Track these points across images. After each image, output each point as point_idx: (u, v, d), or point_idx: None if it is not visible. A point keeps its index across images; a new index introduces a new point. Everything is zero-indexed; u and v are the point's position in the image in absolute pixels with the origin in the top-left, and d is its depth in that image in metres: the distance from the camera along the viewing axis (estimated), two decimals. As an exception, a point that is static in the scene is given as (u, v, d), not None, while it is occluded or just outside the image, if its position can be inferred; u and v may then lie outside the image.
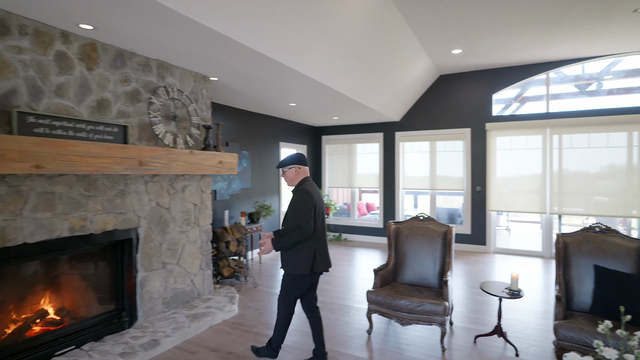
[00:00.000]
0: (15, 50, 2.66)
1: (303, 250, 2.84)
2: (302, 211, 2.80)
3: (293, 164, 3.01)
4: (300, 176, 3.02)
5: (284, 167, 3.04)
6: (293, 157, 3.03)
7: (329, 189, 9.22)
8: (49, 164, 2.62)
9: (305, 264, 2.83)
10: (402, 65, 6.05)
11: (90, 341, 3.27)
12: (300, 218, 2.79)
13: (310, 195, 2.84)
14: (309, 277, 2.91)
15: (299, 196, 2.86)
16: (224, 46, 3.36)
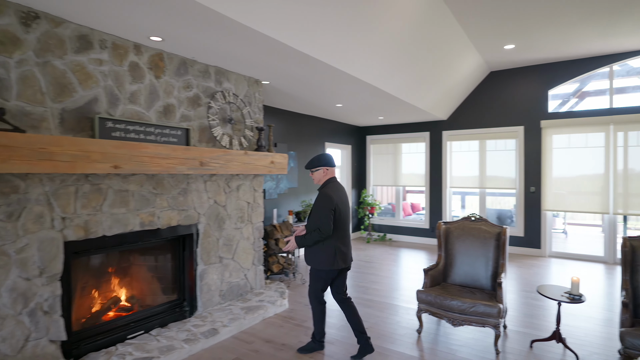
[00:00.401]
0: (97, 62, 2.97)
1: (323, 248, 3.03)
2: (322, 213, 2.96)
3: (321, 166, 3.15)
4: (327, 177, 3.18)
5: (312, 168, 3.18)
6: (321, 159, 3.16)
7: (373, 187, 9.22)
8: (125, 165, 2.90)
9: (325, 260, 3.02)
10: (450, 64, 5.95)
11: (157, 327, 3.55)
12: (320, 220, 2.95)
13: (330, 199, 2.98)
14: (330, 272, 3.08)
15: (320, 198, 3.03)
16: (277, 51, 3.51)
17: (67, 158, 2.55)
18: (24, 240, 2.58)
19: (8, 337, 2.52)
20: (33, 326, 2.64)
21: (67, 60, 2.78)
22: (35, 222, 2.63)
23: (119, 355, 2.99)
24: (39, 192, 2.65)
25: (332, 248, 3.02)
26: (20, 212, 2.56)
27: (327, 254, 3.02)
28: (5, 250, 2.50)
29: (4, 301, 2.49)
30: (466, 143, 7.87)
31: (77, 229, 2.86)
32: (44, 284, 2.69)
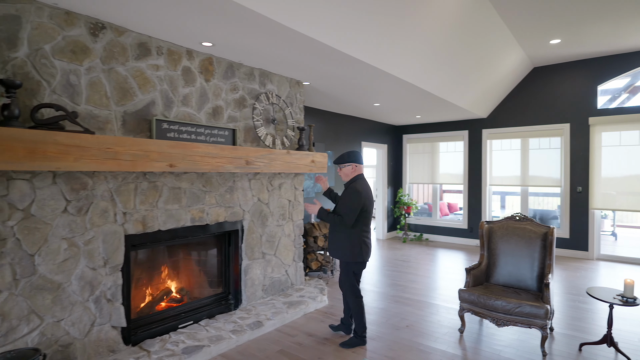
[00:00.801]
0: (154, 68, 3.17)
1: (350, 240, 3.19)
2: (349, 207, 3.13)
3: (351, 162, 3.26)
4: (356, 173, 3.30)
5: (341, 164, 3.27)
6: (351, 155, 3.26)
7: (409, 186, 9.14)
8: (179, 163, 3.08)
9: (351, 252, 3.20)
10: (492, 60, 5.83)
11: (205, 318, 3.73)
12: (345, 212, 3.12)
13: (359, 194, 3.13)
14: (357, 265, 3.26)
15: (349, 192, 3.17)
16: (319, 52, 3.60)
17: (130, 157, 2.76)
18: (91, 233, 2.81)
19: (77, 321, 2.75)
20: (98, 312, 2.87)
21: (128, 66, 3.00)
22: (101, 217, 2.86)
23: (172, 343, 3.18)
24: (104, 189, 2.88)
25: (358, 241, 3.19)
26: (88, 207, 2.79)
27: (354, 246, 3.19)
28: (76, 242, 2.73)
29: (73, 288, 2.73)
30: (507, 141, 7.66)
31: (136, 223, 3.08)
32: (107, 273, 2.92)
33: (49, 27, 2.57)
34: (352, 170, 3.27)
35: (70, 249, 2.70)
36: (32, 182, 2.51)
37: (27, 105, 2.49)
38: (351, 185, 3.21)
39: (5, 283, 2.40)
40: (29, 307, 2.51)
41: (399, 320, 3.95)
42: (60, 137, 2.39)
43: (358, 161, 3.31)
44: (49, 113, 2.57)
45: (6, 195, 2.39)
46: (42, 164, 2.32)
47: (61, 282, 2.66)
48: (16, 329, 2.45)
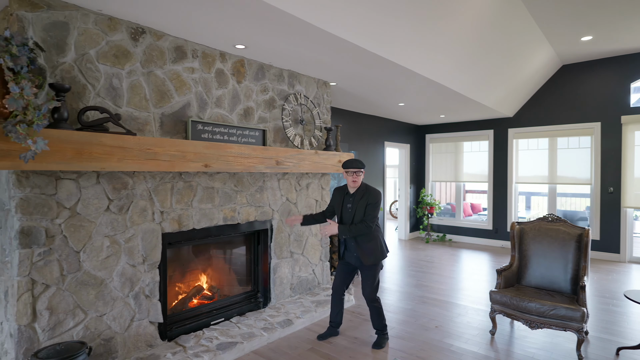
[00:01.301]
0: (190, 70, 3.25)
1: (377, 242, 3.27)
2: (376, 211, 3.21)
3: (363, 168, 3.31)
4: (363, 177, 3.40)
5: (363, 168, 3.30)
6: (361, 162, 3.29)
7: (432, 186, 9.06)
8: (213, 163, 3.16)
9: (381, 252, 3.28)
10: (520, 59, 5.73)
11: (236, 316, 3.80)
12: (372, 215, 3.18)
13: (379, 194, 3.26)
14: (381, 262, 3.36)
15: (374, 196, 3.22)
16: (347, 52, 3.62)
17: (168, 158, 2.84)
18: (131, 231, 2.91)
19: (118, 316, 2.85)
20: (137, 308, 2.96)
21: (166, 69, 3.09)
22: (140, 215, 2.95)
23: (206, 339, 3.26)
24: (143, 188, 2.97)
25: (380, 239, 3.30)
26: (128, 205, 2.88)
27: (381, 246, 3.28)
28: (117, 240, 2.83)
29: (115, 284, 2.83)
30: (534, 141, 7.51)
31: (172, 222, 3.16)
32: (146, 270, 3.01)
33: (94, 32, 2.67)
34: (363, 176, 3.35)
35: (112, 247, 2.80)
36: (78, 181, 2.62)
37: (74, 108, 2.59)
38: (369, 190, 3.26)
39: (54, 278, 2.51)
40: (74, 302, 2.61)
41: (428, 321, 3.94)
42: (105, 139, 2.48)
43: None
44: (94, 115, 2.68)
45: (55, 195, 2.50)
46: (89, 165, 2.42)
47: (104, 278, 2.76)
48: (63, 323, 2.56)
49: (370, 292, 3.30)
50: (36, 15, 2.43)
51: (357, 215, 3.22)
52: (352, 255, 3.34)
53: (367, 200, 3.21)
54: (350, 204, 3.28)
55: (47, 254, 2.47)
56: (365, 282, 3.31)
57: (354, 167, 3.24)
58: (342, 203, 3.34)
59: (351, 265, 3.41)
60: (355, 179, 3.25)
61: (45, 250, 2.46)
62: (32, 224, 2.41)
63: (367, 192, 3.25)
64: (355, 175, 3.25)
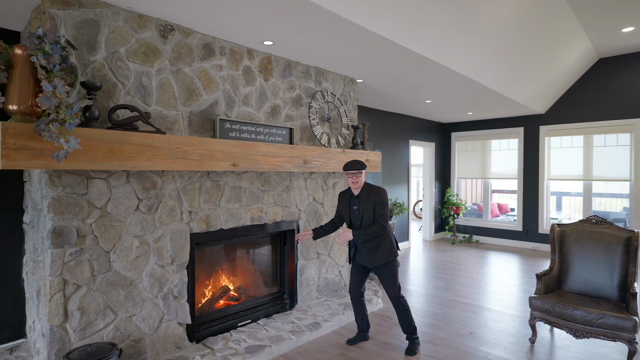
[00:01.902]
0: (217, 68, 3.20)
1: (387, 240, 3.16)
2: (386, 209, 3.12)
3: (364, 169, 3.16)
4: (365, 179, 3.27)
5: (363, 169, 3.14)
6: (362, 162, 3.15)
7: (457, 182, 8.81)
8: (241, 163, 3.09)
9: (393, 250, 3.20)
10: (555, 53, 5.46)
11: (262, 317, 3.74)
12: (383, 215, 3.08)
13: (385, 192, 3.17)
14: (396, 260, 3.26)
15: (381, 196, 3.12)
16: (377, 46, 3.49)
17: (196, 157, 2.79)
18: (160, 231, 2.87)
19: (147, 317, 2.82)
20: (166, 309, 2.93)
21: (194, 67, 3.04)
22: (169, 215, 2.91)
23: (234, 341, 3.20)
24: (172, 188, 2.93)
25: (390, 239, 3.19)
26: (157, 205, 2.85)
27: (391, 245, 3.18)
28: (146, 240, 2.80)
29: (144, 285, 2.80)
30: (568, 138, 7.18)
31: (200, 222, 3.12)
32: (174, 271, 2.97)
33: (124, 30, 2.64)
34: (364, 176, 3.22)
35: (142, 247, 2.77)
36: (109, 181, 2.59)
37: (105, 107, 2.57)
38: (374, 190, 3.15)
39: (85, 278, 2.49)
40: (104, 302, 2.59)
41: (460, 327, 3.78)
42: (135, 137, 2.45)
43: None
44: (124, 114, 2.65)
45: (86, 194, 2.48)
46: (120, 164, 2.38)
47: (133, 278, 2.73)
48: (93, 323, 2.54)
49: (392, 291, 3.20)
50: (68, 13, 2.41)
51: (365, 216, 3.13)
52: (362, 256, 3.24)
53: (373, 200, 3.11)
54: (357, 206, 3.18)
55: (78, 254, 2.45)
56: (385, 283, 3.22)
57: (353, 169, 3.11)
58: (349, 206, 3.24)
59: (364, 266, 3.31)
60: (355, 180, 3.14)
61: (76, 250, 2.45)
62: (64, 224, 2.39)
63: (372, 191, 3.15)
64: (355, 176, 3.14)
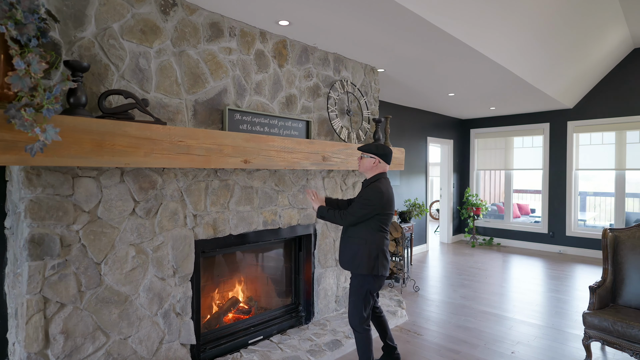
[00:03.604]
0: (226, 51, 2.80)
1: (367, 247, 2.54)
2: (362, 204, 2.53)
3: (376, 155, 2.64)
4: (377, 170, 2.68)
5: (364, 152, 2.67)
6: (379, 148, 2.66)
7: (477, 182, 8.36)
8: (254, 159, 2.69)
9: (370, 263, 2.53)
10: (591, 41, 5.00)
11: (275, 333, 3.34)
12: (354, 209, 2.53)
13: (381, 196, 2.53)
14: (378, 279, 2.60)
15: (370, 191, 2.57)
16: (408, 26, 3.06)
17: (202, 152, 2.39)
18: (160, 238, 2.48)
19: (144, 338, 2.43)
20: (166, 328, 2.53)
21: (200, 49, 2.64)
22: (170, 219, 2.52)
23: (245, 363, 2.80)
24: (174, 188, 2.54)
25: (377, 249, 2.55)
26: (157, 208, 2.45)
27: (370, 255, 2.53)
28: (144, 248, 2.40)
29: (141, 301, 2.40)
30: (598, 135, 6.71)
31: (206, 227, 2.72)
32: (177, 284, 2.58)
33: (117, 2, 2.25)
34: (374, 165, 2.65)
35: (138, 257, 2.38)
36: (99, 180, 2.20)
37: (94, 92, 2.18)
38: (374, 184, 2.60)
39: (70, 296, 2.10)
40: (94, 323, 2.20)
41: (499, 344, 3.35)
42: (130, 129, 2.05)
43: (385, 158, 2.66)
44: (117, 101, 2.26)
45: (71, 196, 2.10)
46: (111, 159, 1.99)
47: (128, 294, 2.34)
48: (81, 348, 2.15)
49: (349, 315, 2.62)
50: (49, -20, 2.02)
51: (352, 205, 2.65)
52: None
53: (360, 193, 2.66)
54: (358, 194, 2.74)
55: (62, 267, 2.07)
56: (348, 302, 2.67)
57: (359, 148, 2.71)
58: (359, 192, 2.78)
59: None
60: (358, 162, 2.74)
61: (59, 262, 2.06)
62: (44, 231, 2.00)
63: (371, 185, 2.62)
64: (359, 158, 2.73)
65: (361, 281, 2.57)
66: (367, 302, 2.59)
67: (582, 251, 6.86)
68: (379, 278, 2.60)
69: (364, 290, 2.57)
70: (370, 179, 2.66)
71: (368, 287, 2.57)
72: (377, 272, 2.55)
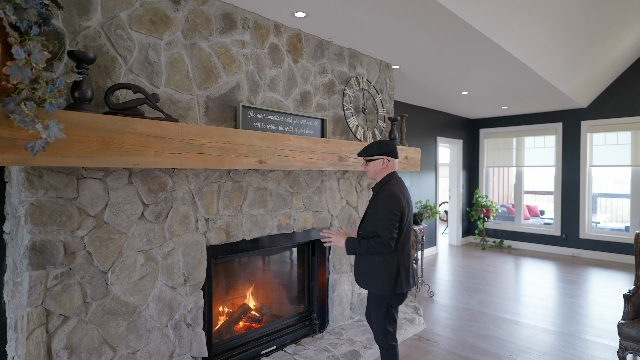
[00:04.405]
0: (240, 44, 2.63)
1: (386, 265, 2.22)
2: (386, 220, 2.15)
3: (382, 155, 2.29)
4: (388, 170, 2.33)
5: (368, 157, 2.32)
6: (382, 145, 2.31)
7: (486, 183, 8.19)
8: (269, 159, 2.52)
9: (390, 281, 2.22)
10: (610, 38, 4.84)
11: (289, 343, 3.17)
12: (382, 228, 2.16)
13: (398, 200, 2.19)
14: (399, 297, 2.29)
15: (383, 199, 2.22)
16: (429, 18, 2.90)
17: (216, 151, 2.22)
18: (170, 244, 2.31)
19: (154, 352, 2.26)
20: (177, 340, 2.36)
21: (212, 42, 2.47)
22: (181, 224, 2.35)
23: (259, 376, 2.63)
24: (185, 190, 2.37)
25: (395, 265, 2.23)
26: (167, 212, 2.28)
27: (390, 273, 2.22)
28: (153, 255, 2.24)
29: (150, 312, 2.23)
30: (613, 135, 6.54)
31: (219, 232, 2.55)
32: (188, 293, 2.41)
33: (125, -11, 2.08)
34: (384, 165, 2.31)
35: (147, 264, 2.21)
36: (106, 181, 2.03)
37: (100, 87, 2.01)
38: (385, 188, 2.27)
39: (74, 308, 1.93)
40: (100, 337, 2.03)
41: (526, 354, 3.17)
42: (139, 126, 1.88)
43: (392, 154, 2.31)
44: (124, 96, 2.09)
45: (76, 199, 1.93)
46: (119, 159, 1.82)
47: (137, 304, 2.17)
48: (87, 364, 1.98)
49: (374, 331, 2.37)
50: (52, -36, 1.85)
51: (367, 220, 2.32)
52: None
53: (372, 204, 2.30)
54: (370, 203, 2.38)
55: (65, 277, 1.90)
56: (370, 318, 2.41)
57: (359, 155, 2.37)
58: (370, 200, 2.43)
59: None
60: (364, 169, 2.39)
61: (63, 271, 1.89)
62: (47, 238, 1.83)
63: (382, 189, 2.28)
64: (363, 164, 2.40)
65: (379, 298, 2.29)
66: (391, 318, 2.33)
67: (597, 254, 6.68)
68: (400, 295, 2.30)
69: (384, 306, 2.29)
70: (380, 182, 2.35)
71: (388, 302, 2.29)
72: (400, 290, 2.24)
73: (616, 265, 6.19)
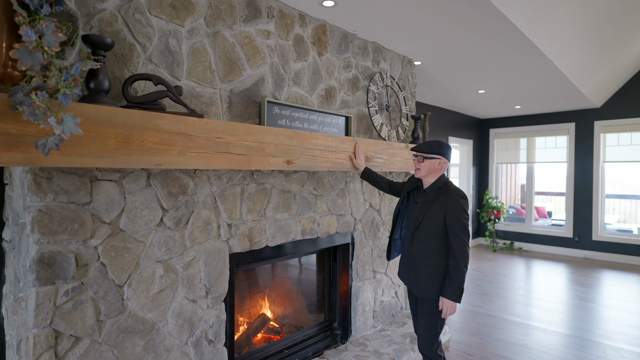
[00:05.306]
0: (264, 34, 2.42)
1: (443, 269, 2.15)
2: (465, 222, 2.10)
3: (441, 155, 2.19)
4: (440, 172, 2.24)
5: (428, 154, 2.19)
6: (442, 146, 2.22)
7: (496, 184, 8.03)
8: (297, 159, 2.30)
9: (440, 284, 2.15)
10: (632, 35, 4.68)
11: (311, 356, 2.95)
12: (464, 231, 2.08)
13: (466, 201, 2.15)
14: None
15: (455, 200, 2.12)
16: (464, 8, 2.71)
17: (242, 150, 2.00)
18: (191, 253, 2.09)
19: (173, 371, 2.03)
20: (198, 359, 2.14)
21: (236, 30, 2.25)
22: (203, 230, 2.13)
23: (285, 396, 2.41)
24: (206, 193, 2.15)
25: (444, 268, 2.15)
26: (188, 217, 2.06)
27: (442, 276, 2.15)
28: (173, 266, 2.01)
29: (169, 329, 2.01)
30: (626, 135, 6.40)
31: (242, 239, 2.33)
32: (209, 306, 2.19)
33: (144, -32, 1.86)
34: (439, 166, 2.21)
35: (167, 275, 1.98)
36: (122, 184, 1.81)
37: (117, 78, 1.79)
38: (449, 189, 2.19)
39: (87, 327, 1.70)
40: (115, 359, 1.80)
41: (561, 367, 2.99)
42: (162, 122, 1.66)
43: (448, 156, 2.24)
44: (143, 89, 1.87)
45: (89, 204, 1.70)
46: (140, 159, 1.59)
47: (155, 320, 1.95)
48: (101, 390, 1.75)
49: (421, 339, 2.25)
50: (63, -64, 1.62)
51: (424, 222, 2.17)
52: (404, 270, 2.33)
53: (443, 205, 2.13)
54: (420, 203, 2.26)
55: (77, 292, 1.67)
56: (417, 324, 2.29)
57: (415, 150, 2.24)
58: (411, 195, 2.36)
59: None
60: (417, 165, 2.24)
61: (74, 286, 1.66)
62: (57, 248, 1.61)
63: (447, 194, 2.15)
64: (416, 160, 2.25)
65: (435, 308, 2.17)
66: (443, 325, 2.24)
67: (611, 256, 6.54)
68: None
69: (439, 319, 2.19)
70: (440, 181, 2.22)
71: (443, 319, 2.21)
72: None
73: (631, 268, 6.06)
